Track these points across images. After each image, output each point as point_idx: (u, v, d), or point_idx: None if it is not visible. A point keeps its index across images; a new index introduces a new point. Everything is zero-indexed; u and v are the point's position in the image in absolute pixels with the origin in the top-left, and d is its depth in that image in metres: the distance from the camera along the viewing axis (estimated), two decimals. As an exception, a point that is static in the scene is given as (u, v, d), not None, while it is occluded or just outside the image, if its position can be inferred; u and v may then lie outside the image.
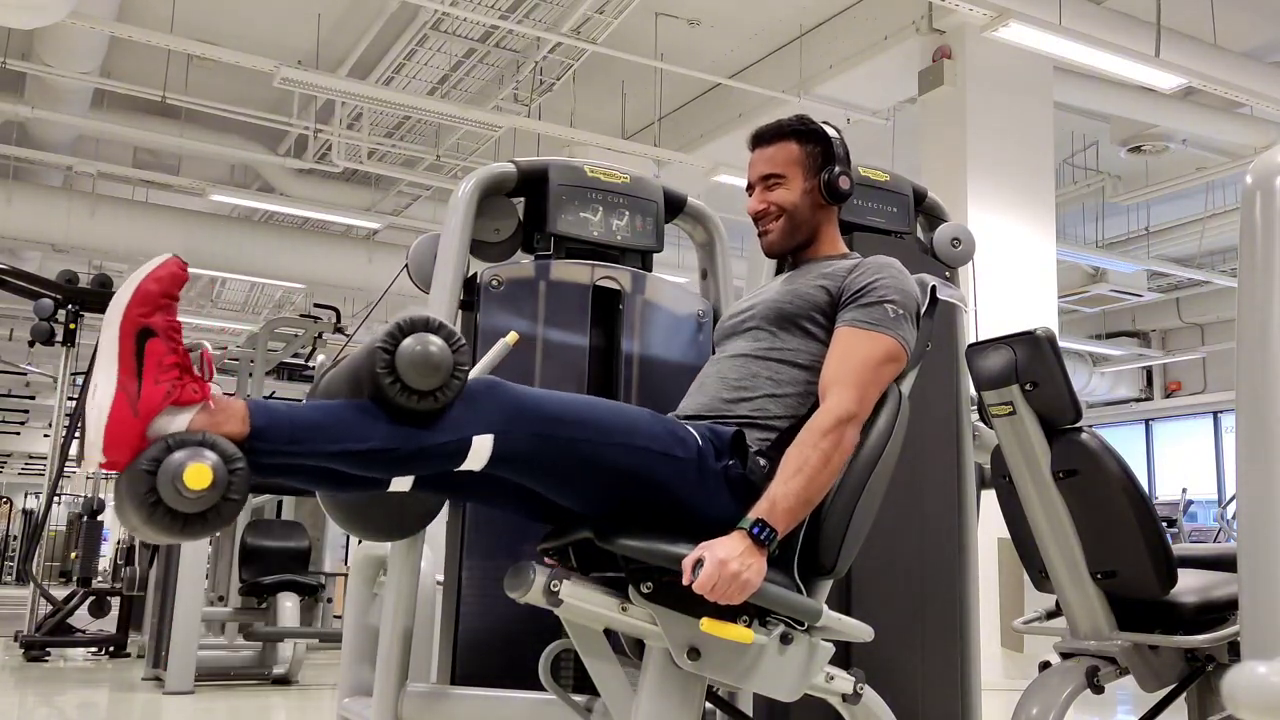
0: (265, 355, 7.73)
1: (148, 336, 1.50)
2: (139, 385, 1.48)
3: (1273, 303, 1.72)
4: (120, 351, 1.48)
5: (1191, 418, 14.79)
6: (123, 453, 1.46)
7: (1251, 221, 1.76)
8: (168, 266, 1.54)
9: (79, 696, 5.39)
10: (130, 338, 1.49)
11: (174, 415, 1.50)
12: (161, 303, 1.52)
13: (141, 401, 1.47)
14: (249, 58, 7.23)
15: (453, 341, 1.64)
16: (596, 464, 1.70)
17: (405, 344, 1.61)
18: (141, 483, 1.44)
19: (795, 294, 2.00)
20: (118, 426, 1.46)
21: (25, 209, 9.26)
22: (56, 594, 7.26)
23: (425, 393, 1.59)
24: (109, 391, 1.47)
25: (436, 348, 1.61)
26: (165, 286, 1.53)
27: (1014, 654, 5.81)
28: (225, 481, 1.45)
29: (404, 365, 1.59)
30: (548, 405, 1.70)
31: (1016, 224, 6.78)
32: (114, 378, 1.47)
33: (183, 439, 1.47)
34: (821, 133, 2.10)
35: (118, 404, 1.46)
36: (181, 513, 1.44)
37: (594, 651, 1.78)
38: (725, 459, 1.79)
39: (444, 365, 1.61)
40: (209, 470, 1.44)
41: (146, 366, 1.49)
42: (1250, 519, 1.72)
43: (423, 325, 1.64)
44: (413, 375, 1.58)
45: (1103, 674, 2.35)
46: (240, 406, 1.54)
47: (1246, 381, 1.75)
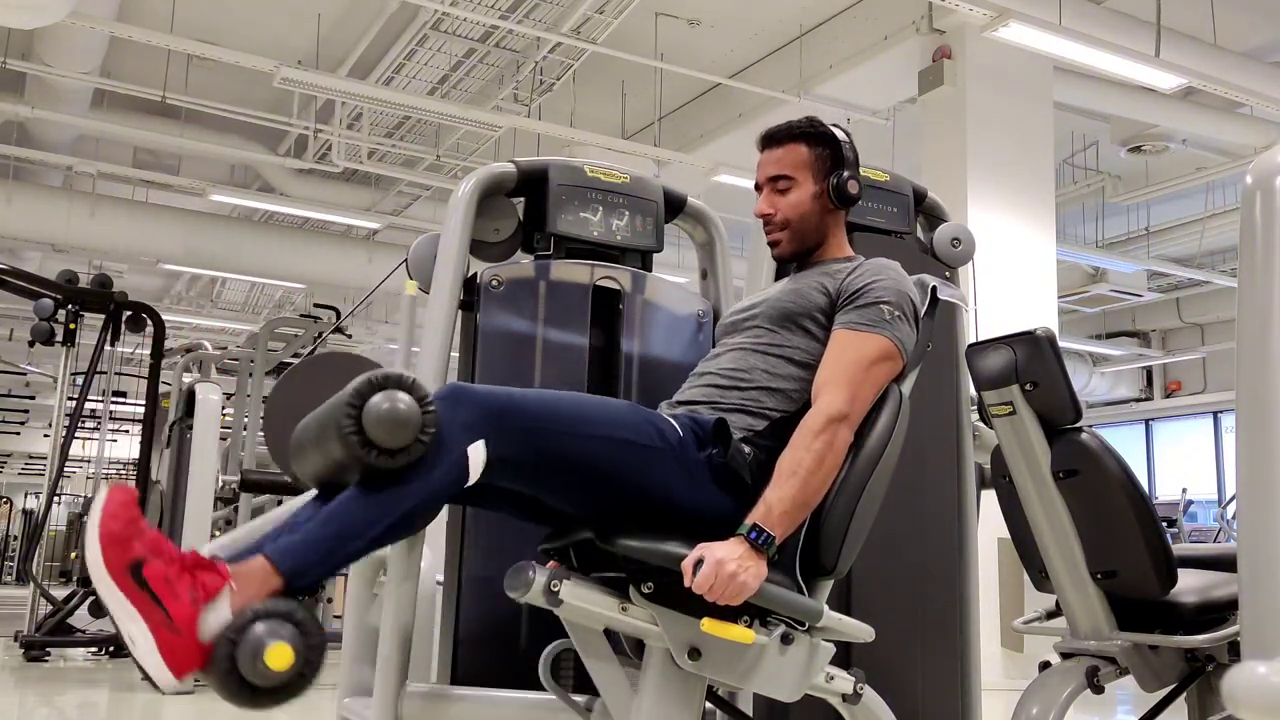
0: (265, 355, 7.73)
1: (140, 567, 1.49)
2: (165, 611, 1.48)
3: (1273, 303, 1.72)
4: (129, 598, 1.48)
5: (1191, 418, 14.79)
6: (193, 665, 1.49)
7: (1251, 221, 1.76)
8: (113, 499, 1.51)
9: (79, 696, 5.39)
10: (128, 581, 1.48)
11: (214, 610, 1.50)
12: (130, 532, 1.50)
13: (177, 620, 1.48)
14: (249, 58, 7.23)
15: (422, 399, 1.62)
16: (579, 458, 1.70)
17: (373, 401, 1.59)
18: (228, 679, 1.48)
19: (797, 293, 2.00)
20: (173, 654, 1.47)
21: (25, 209, 9.26)
22: (56, 594, 7.25)
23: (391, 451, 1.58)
24: (145, 634, 1.47)
25: (405, 404, 1.59)
26: (124, 517, 1.50)
27: (1014, 654, 5.81)
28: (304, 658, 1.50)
29: (371, 422, 1.58)
30: (523, 402, 1.71)
31: (1016, 224, 6.78)
32: (141, 621, 1.47)
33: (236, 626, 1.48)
34: (831, 136, 2.10)
35: (160, 639, 1.47)
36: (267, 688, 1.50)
37: (594, 651, 1.78)
38: (708, 448, 1.79)
39: (411, 422, 1.59)
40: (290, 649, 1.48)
41: (159, 591, 1.48)
42: (1250, 519, 1.72)
43: (395, 383, 1.62)
44: (379, 432, 1.57)
45: (1103, 674, 2.35)
46: (260, 565, 1.55)
47: (1246, 381, 1.75)
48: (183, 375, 8.17)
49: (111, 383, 9.28)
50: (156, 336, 7.02)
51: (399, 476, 1.59)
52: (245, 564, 1.54)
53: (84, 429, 14.00)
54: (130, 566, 1.48)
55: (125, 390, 13.28)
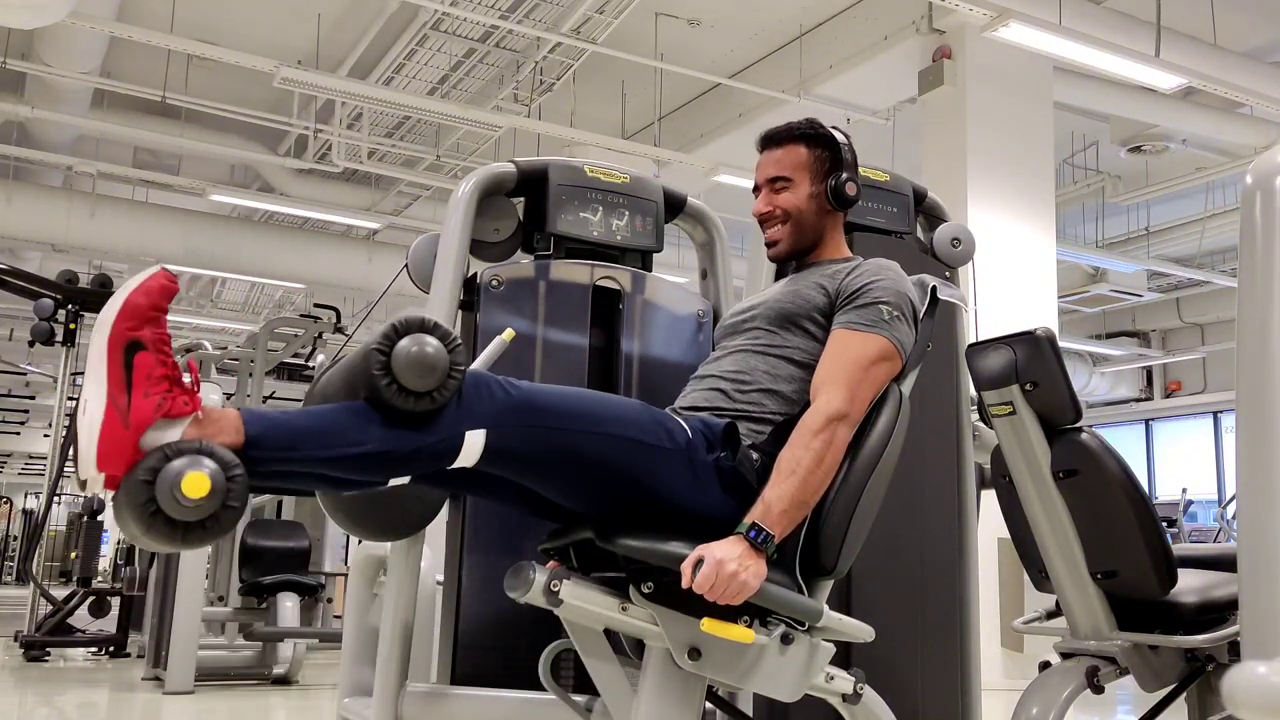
0: (265, 355, 7.72)
1: (136, 350, 1.48)
2: (129, 399, 1.46)
3: (1273, 303, 1.72)
4: (109, 366, 1.47)
5: (1191, 418, 14.78)
6: (117, 466, 1.45)
7: (1251, 221, 1.76)
8: (156, 279, 1.52)
9: (79, 696, 5.39)
10: (119, 351, 1.48)
11: (166, 428, 1.48)
12: (150, 315, 1.50)
13: (132, 414, 1.46)
14: (249, 58, 7.23)
15: (448, 341, 1.63)
16: (587, 456, 1.70)
17: (401, 345, 1.60)
18: (140, 493, 1.43)
19: (796, 294, 2.00)
20: (110, 441, 1.45)
21: (25, 209, 9.26)
22: (56, 594, 7.26)
23: (421, 393, 1.59)
24: (99, 406, 1.45)
25: (432, 348, 1.60)
26: (154, 299, 1.51)
27: (1014, 654, 5.81)
28: (224, 489, 1.45)
29: (400, 366, 1.58)
30: (537, 398, 1.70)
31: (1016, 224, 6.78)
32: (104, 392, 1.46)
33: (180, 448, 1.46)
34: (830, 138, 2.10)
35: (109, 418, 1.45)
36: (181, 521, 1.44)
37: (594, 651, 1.78)
38: (717, 451, 1.79)
39: (440, 365, 1.60)
40: (207, 478, 1.43)
41: (136, 380, 1.47)
42: (1250, 519, 1.72)
43: (418, 326, 1.63)
44: (409, 376, 1.58)
45: (1103, 674, 2.35)
46: (233, 416, 1.53)
47: (1246, 381, 1.75)
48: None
49: (111, 383, 9.26)
50: (156, 336, 7.01)
51: (399, 418, 1.59)
52: (220, 409, 1.54)
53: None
54: (130, 343, 1.48)
55: (125, 390, 13.25)
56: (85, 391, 1.48)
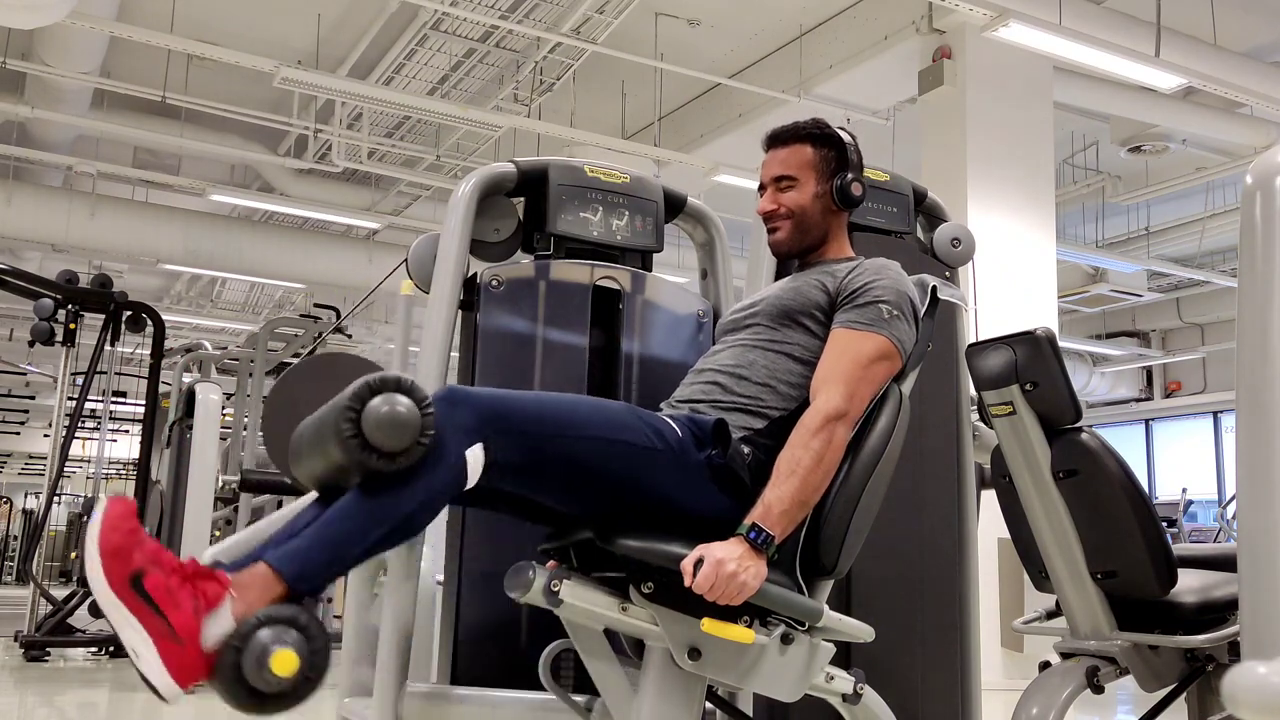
0: (265, 355, 7.73)
1: (141, 579, 1.47)
2: (167, 621, 1.47)
3: (1273, 303, 1.72)
4: (130, 609, 1.46)
5: (1191, 418, 14.78)
6: (197, 676, 1.48)
7: (1251, 221, 1.76)
8: (112, 511, 1.49)
9: (79, 696, 5.39)
10: (129, 592, 1.47)
11: (216, 620, 1.49)
12: (130, 543, 1.48)
13: (179, 630, 1.47)
14: (249, 58, 7.23)
15: (421, 402, 1.61)
16: (577, 460, 1.70)
17: (373, 404, 1.58)
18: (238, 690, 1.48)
19: (797, 291, 2.01)
20: (177, 664, 1.46)
21: (25, 209, 9.26)
22: (56, 594, 7.25)
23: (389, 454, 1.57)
24: (148, 645, 1.46)
25: (404, 408, 1.58)
26: (124, 529, 1.49)
27: (1014, 654, 5.80)
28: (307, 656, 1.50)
29: (370, 425, 1.57)
30: (520, 404, 1.71)
31: (1016, 224, 6.78)
32: (143, 632, 1.46)
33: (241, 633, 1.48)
34: (836, 138, 2.11)
35: (164, 650, 1.46)
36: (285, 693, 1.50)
37: (594, 651, 1.78)
38: (707, 449, 1.79)
39: (411, 425, 1.58)
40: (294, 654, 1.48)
41: (160, 602, 1.47)
42: (1250, 519, 1.72)
43: (394, 385, 1.61)
44: (378, 435, 1.56)
45: (1103, 674, 2.35)
46: (262, 572, 1.54)
47: (1246, 381, 1.75)
48: (183, 375, 8.17)
49: (111, 383, 9.28)
50: (156, 336, 7.02)
51: (399, 479, 1.59)
52: (247, 571, 1.54)
53: (84, 429, 14.00)
54: (131, 578, 1.47)
55: (125, 390, 13.28)
56: (128, 643, 1.48)
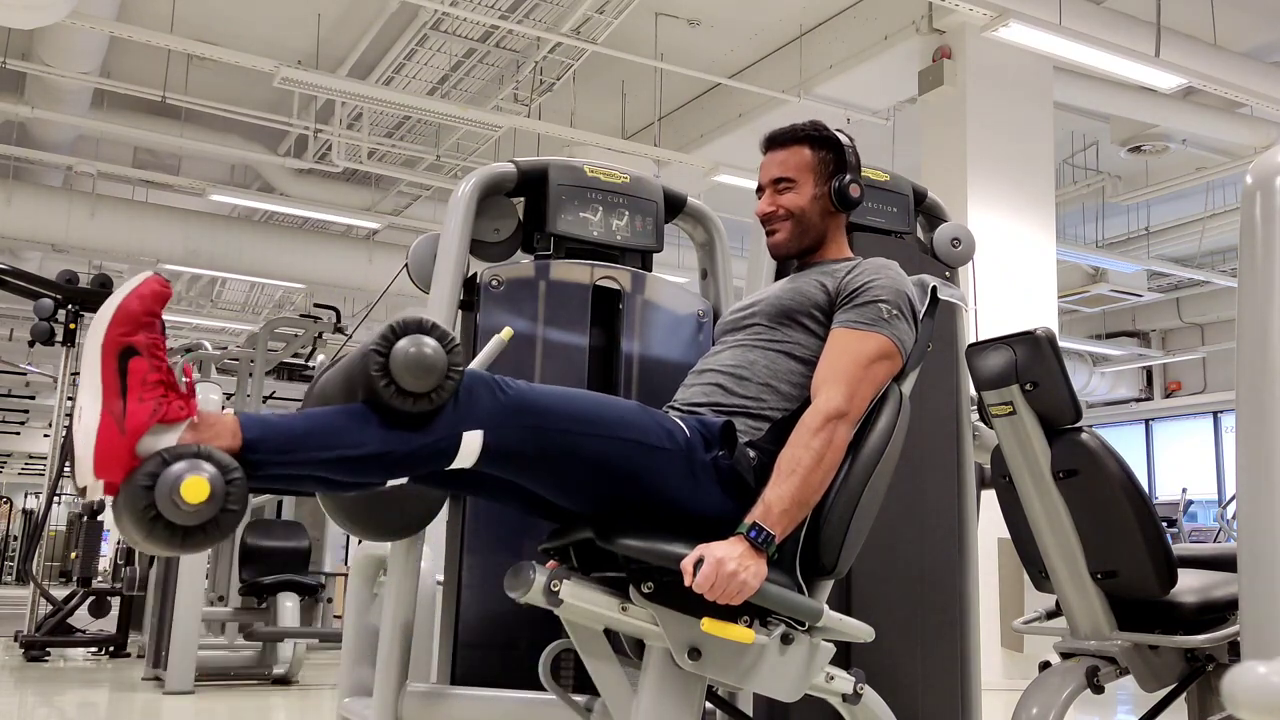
0: (265, 355, 7.72)
1: (130, 355, 1.47)
2: (124, 404, 1.45)
3: (1273, 303, 1.72)
4: (103, 372, 1.46)
5: (1191, 418, 14.79)
6: (114, 472, 1.44)
7: (1251, 221, 1.76)
8: (149, 284, 1.51)
9: (79, 696, 5.39)
10: (113, 357, 1.46)
11: (162, 433, 1.47)
12: (144, 320, 1.49)
13: (128, 420, 1.45)
14: (249, 58, 7.23)
15: (446, 342, 1.63)
16: (585, 457, 1.69)
17: (399, 346, 1.60)
18: (139, 498, 1.42)
19: (796, 290, 2.01)
20: (106, 447, 1.43)
21: (25, 209, 9.26)
22: (56, 594, 7.26)
23: (420, 394, 1.58)
24: (95, 413, 1.44)
25: (430, 349, 1.60)
26: (147, 304, 1.50)
27: (1014, 654, 5.81)
28: (223, 493, 1.44)
29: (398, 367, 1.58)
30: (534, 399, 1.70)
31: (1016, 224, 6.78)
32: (99, 399, 1.45)
33: (178, 452, 1.45)
34: (835, 140, 2.11)
35: (104, 424, 1.44)
36: (181, 525, 1.43)
37: (594, 651, 1.78)
38: (714, 450, 1.79)
39: (438, 366, 1.60)
40: (206, 482, 1.42)
41: (130, 385, 1.46)
42: (1250, 519, 1.72)
43: (416, 327, 1.63)
44: (407, 377, 1.57)
45: (1103, 674, 2.35)
46: (230, 420, 1.53)
47: (1246, 381, 1.75)
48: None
49: (111, 383, 9.26)
50: (156, 336, 7.01)
51: (397, 419, 1.59)
52: (216, 413, 1.53)
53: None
54: (123, 349, 1.47)
55: (125, 390, 13.26)
56: (80, 399, 1.46)
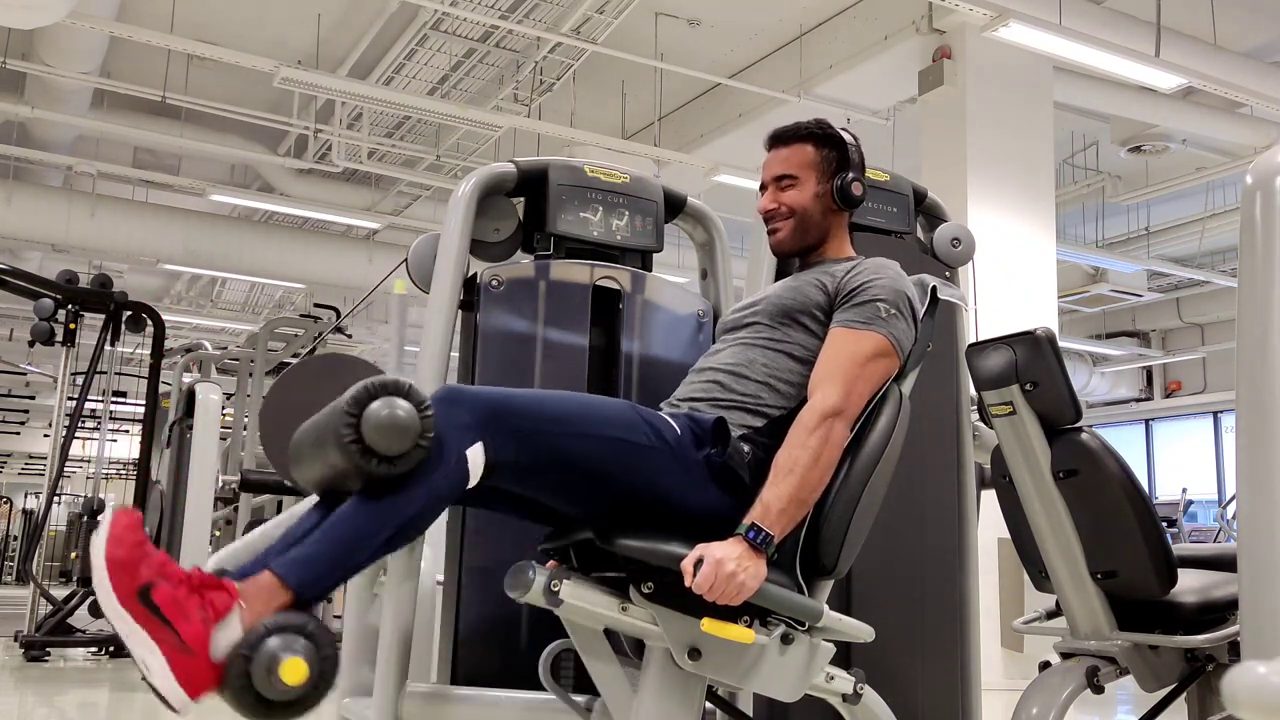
0: (265, 355, 7.73)
1: (149, 592, 1.48)
2: (176, 633, 1.47)
3: (1273, 303, 1.72)
4: (139, 623, 1.46)
5: (1191, 418, 14.78)
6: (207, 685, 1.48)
7: (1251, 221, 1.76)
8: (117, 525, 1.50)
9: (79, 696, 5.39)
10: (137, 605, 1.47)
11: (225, 630, 1.49)
12: (136, 556, 1.49)
13: (189, 641, 1.47)
14: (249, 58, 7.23)
15: (416, 400, 1.61)
16: (574, 459, 1.70)
17: (372, 408, 1.58)
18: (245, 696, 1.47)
19: (796, 290, 2.01)
20: (186, 674, 1.46)
21: (25, 209, 9.26)
22: (56, 594, 7.25)
23: (389, 458, 1.57)
24: (159, 657, 1.46)
25: (403, 410, 1.58)
26: (129, 542, 1.49)
27: (1014, 654, 5.80)
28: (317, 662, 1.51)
29: (370, 430, 1.56)
30: (519, 403, 1.70)
31: (1016, 224, 6.78)
32: (152, 644, 1.46)
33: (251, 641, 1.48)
34: (838, 138, 2.11)
35: (174, 661, 1.46)
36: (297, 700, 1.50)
37: (594, 651, 1.78)
38: (706, 447, 1.79)
39: (411, 429, 1.58)
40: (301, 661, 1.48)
41: (168, 614, 1.47)
42: (1250, 519, 1.72)
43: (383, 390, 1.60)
44: (379, 440, 1.56)
45: (1103, 674, 2.35)
46: (268, 581, 1.54)
47: (1246, 381, 1.75)
48: (183, 375, 8.17)
49: (111, 383, 9.28)
50: (156, 336, 7.03)
51: (400, 483, 1.59)
52: (253, 580, 1.54)
53: (84, 429, 13.99)
54: (139, 591, 1.47)
55: (125, 390, 13.28)
56: (138, 656, 1.47)
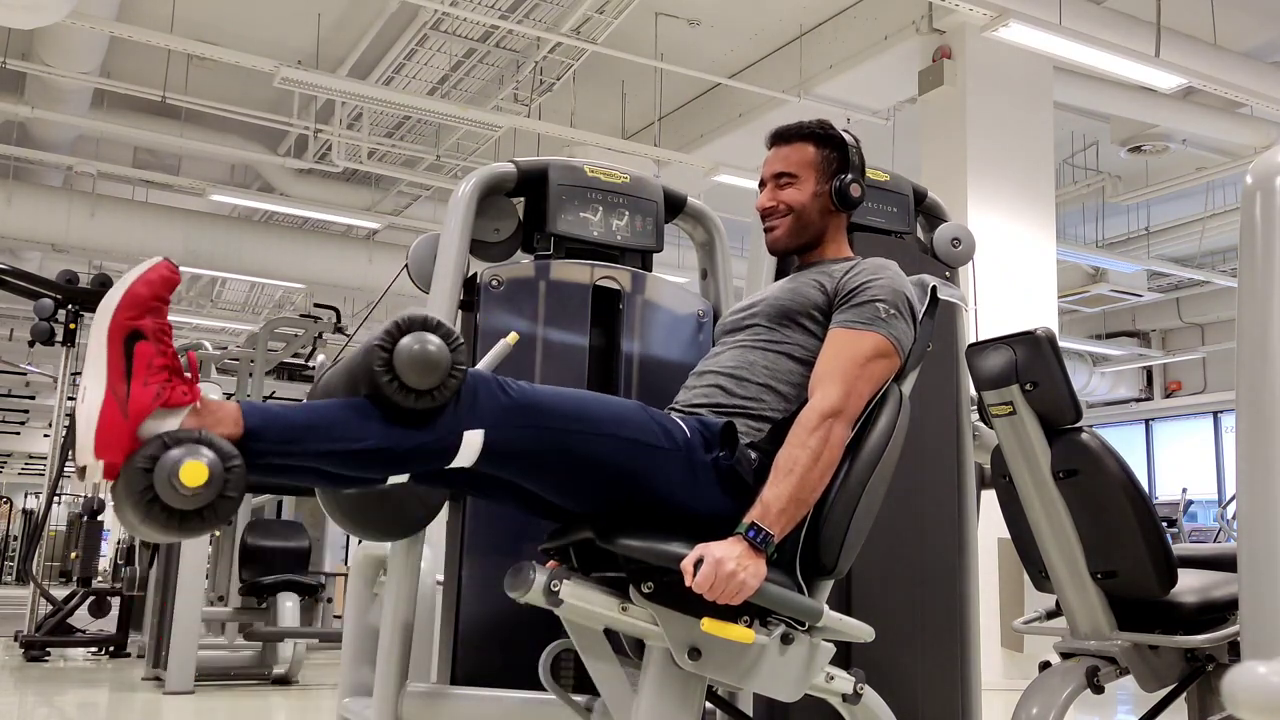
0: (265, 355, 7.72)
1: (137, 339, 1.48)
2: (128, 387, 1.46)
3: (1273, 303, 1.72)
4: (109, 355, 1.47)
5: (1191, 418, 14.78)
6: (115, 454, 1.45)
7: (1251, 221, 1.76)
8: (158, 269, 1.52)
9: (79, 696, 5.39)
10: (119, 341, 1.48)
11: (165, 417, 1.48)
12: (151, 305, 1.51)
13: (131, 403, 1.46)
14: (249, 58, 7.23)
15: (450, 340, 1.63)
16: (585, 457, 1.70)
17: (403, 342, 1.60)
18: (138, 480, 1.43)
19: (795, 291, 2.01)
20: (108, 428, 1.45)
21: (25, 209, 9.26)
22: (56, 594, 7.25)
23: (422, 391, 1.59)
24: (98, 394, 1.46)
25: (435, 346, 1.61)
26: (156, 289, 1.51)
27: (1014, 654, 5.80)
28: (222, 478, 1.45)
29: (402, 364, 1.58)
30: (536, 399, 1.70)
31: (1016, 224, 6.78)
32: (103, 380, 1.46)
33: (178, 437, 1.46)
34: (839, 139, 2.12)
35: (107, 406, 1.45)
36: (179, 510, 1.44)
37: (594, 651, 1.78)
38: (715, 450, 1.79)
39: (442, 364, 1.60)
40: (205, 467, 1.43)
41: (135, 369, 1.47)
42: (1250, 519, 1.72)
43: (420, 324, 1.64)
44: (410, 374, 1.58)
45: (1103, 674, 2.35)
46: (233, 408, 1.54)
47: (1246, 381, 1.75)
48: (183, 375, 8.15)
49: (111, 383, 9.27)
50: (156, 336, 7.02)
51: (399, 415, 1.59)
52: (219, 401, 1.54)
53: (84, 429, 13.97)
54: (130, 333, 1.48)
55: (125, 390, 13.26)
56: (84, 379, 1.48)
